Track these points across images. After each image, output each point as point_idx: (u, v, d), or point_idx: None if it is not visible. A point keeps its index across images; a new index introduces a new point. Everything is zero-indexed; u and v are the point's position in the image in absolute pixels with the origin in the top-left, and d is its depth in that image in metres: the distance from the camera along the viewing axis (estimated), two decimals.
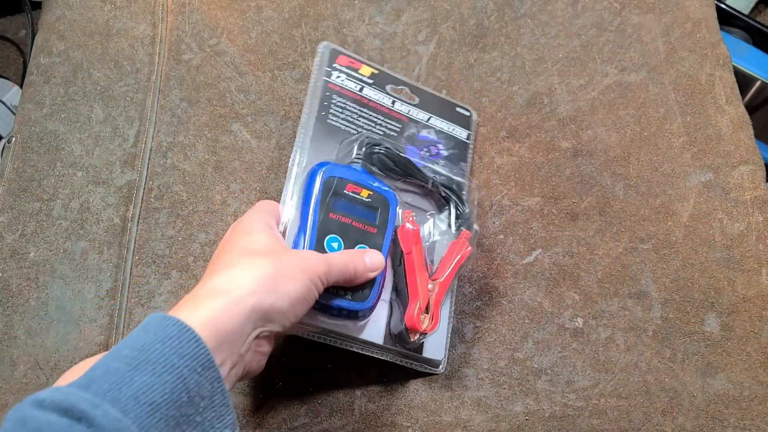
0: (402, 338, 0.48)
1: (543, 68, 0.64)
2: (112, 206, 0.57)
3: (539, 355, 0.53)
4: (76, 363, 0.52)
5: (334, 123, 0.52)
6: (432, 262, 0.52)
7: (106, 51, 0.64)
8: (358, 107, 0.53)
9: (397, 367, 0.52)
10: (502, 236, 0.57)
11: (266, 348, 0.40)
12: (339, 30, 0.65)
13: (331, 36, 0.65)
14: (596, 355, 0.53)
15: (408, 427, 0.51)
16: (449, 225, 0.53)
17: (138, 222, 0.56)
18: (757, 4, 1.16)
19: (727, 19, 1.03)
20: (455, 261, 0.50)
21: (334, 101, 0.53)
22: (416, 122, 0.55)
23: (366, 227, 0.47)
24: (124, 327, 0.53)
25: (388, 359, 0.49)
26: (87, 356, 0.53)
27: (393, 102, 0.55)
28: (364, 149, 0.51)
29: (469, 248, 0.51)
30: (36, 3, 1.03)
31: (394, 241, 0.49)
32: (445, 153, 0.55)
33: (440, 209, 0.54)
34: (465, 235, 0.51)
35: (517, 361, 0.53)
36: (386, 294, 0.50)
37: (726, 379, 0.53)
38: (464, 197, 0.54)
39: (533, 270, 0.56)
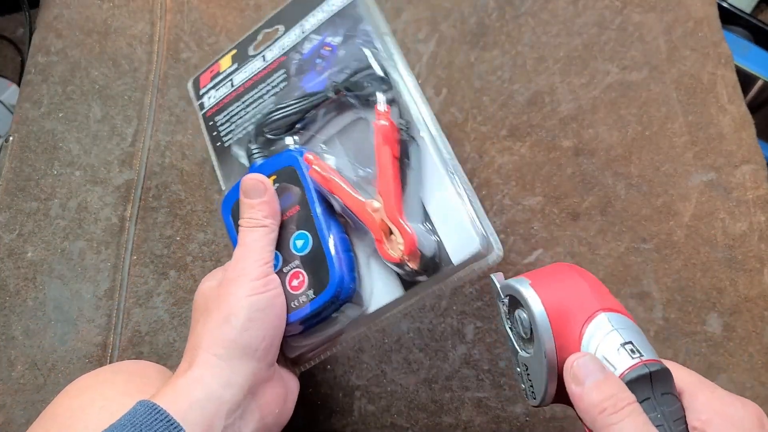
0: (410, 273, 0.39)
1: (544, 67, 0.64)
2: (110, 206, 0.57)
3: None
4: (73, 363, 0.52)
5: (230, 141, 0.48)
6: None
7: (104, 50, 0.63)
8: (239, 103, 0.48)
9: (397, 367, 0.51)
10: (503, 236, 0.57)
11: (275, 391, 0.38)
12: None
13: None
14: None
15: (408, 428, 0.50)
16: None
17: (136, 221, 0.56)
18: (759, 3, 1.16)
19: (729, 17, 1.03)
20: (379, 154, 0.39)
21: (217, 123, 0.48)
22: (293, 48, 0.46)
23: (291, 212, 0.41)
24: (122, 327, 0.53)
25: (427, 300, 0.41)
26: (85, 356, 0.52)
27: (263, 57, 0.47)
28: (255, 139, 0.45)
29: (386, 124, 0.39)
30: (34, 1, 1.02)
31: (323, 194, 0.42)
32: (337, 40, 0.45)
33: (366, 104, 0.43)
34: (378, 113, 0.40)
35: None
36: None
37: (728, 379, 0.53)
38: (367, 69, 0.43)
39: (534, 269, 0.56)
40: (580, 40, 0.65)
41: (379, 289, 0.40)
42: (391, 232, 0.38)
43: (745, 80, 0.95)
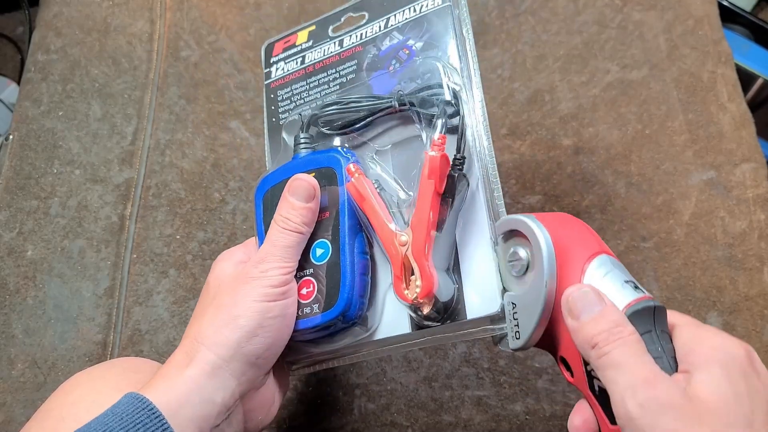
0: (420, 316, 0.36)
1: (544, 65, 0.63)
2: (110, 204, 0.57)
3: (540, 354, 0.53)
4: (73, 362, 0.52)
5: (290, 120, 0.46)
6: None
7: (104, 48, 0.63)
8: (304, 83, 0.46)
9: (397, 365, 0.51)
10: None
11: (263, 396, 0.37)
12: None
13: None
14: None
15: (408, 426, 0.51)
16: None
17: (136, 220, 0.56)
18: (759, 2, 1.16)
19: (729, 16, 1.02)
20: (422, 186, 0.36)
21: (278, 98, 0.47)
22: (372, 41, 0.44)
23: (320, 217, 0.39)
24: (122, 326, 0.53)
25: (427, 346, 0.39)
26: (85, 355, 0.53)
27: (340, 42, 0.45)
28: (306, 129, 0.43)
29: (437, 156, 0.35)
30: (33, 0, 1.02)
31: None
32: (419, 44, 0.42)
33: (429, 124, 0.39)
34: (434, 140, 0.36)
35: (518, 361, 0.52)
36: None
37: None
38: (439, 90, 0.39)
39: None
40: (580, 38, 0.65)
41: (388, 320, 0.38)
42: (412, 272, 0.35)
43: (745, 79, 0.95)
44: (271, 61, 0.48)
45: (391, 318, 0.38)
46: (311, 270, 0.38)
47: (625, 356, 0.26)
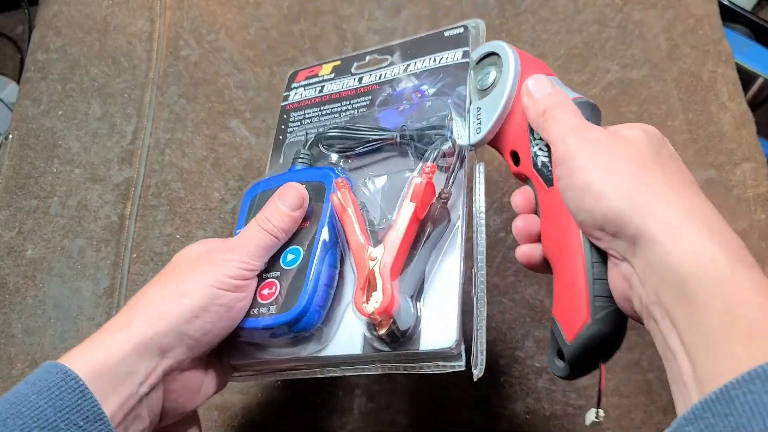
0: (374, 337, 0.36)
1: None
2: (109, 204, 0.57)
3: (540, 353, 0.53)
4: None
5: (293, 140, 0.48)
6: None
7: (103, 47, 0.63)
8: (317, 109, 0.48)
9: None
10: (503, 234, 0.57)
11: (188, 382, 0.36)
12: (338, 26, 0.65)
13: (330, 32, 0.65)
14: None
15: (408, 426, 0.51)
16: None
17: (136, 219, 0.56)
18: (759, 1, 1.16)
19: (729, 15, 1.02)
20: (404, 209, 0.37)
21: (290, 119, 0.49)
22: (390, 81, 0.47)
23: (302, 225, 0.40)
24: None
25: (375, 372, 0.38)
26: None
27: (359, 80, 0.48)
28: (308, 146, 0.45)
29: (423, 182, 0.37)
30: None
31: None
32: (432, 90, 0.44)
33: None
34: (423, 169, 0.38)
35: (518, 360, 0.52)
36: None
37: None
38: (442, 131, 0.41)
39: None
40: (581, 37, 0.65)
41: (341, 338, 0.38)
42: (375, 288, 0.35)
43: (746, 78, 0.95)
44: (292, 87, 0.51)
45: (345, 337, 0.38)
46: (278, 273, 0.38)
47: (566, 115, 0.34)
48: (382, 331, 0.35)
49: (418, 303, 0.37)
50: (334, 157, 0.44)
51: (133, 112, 0.60)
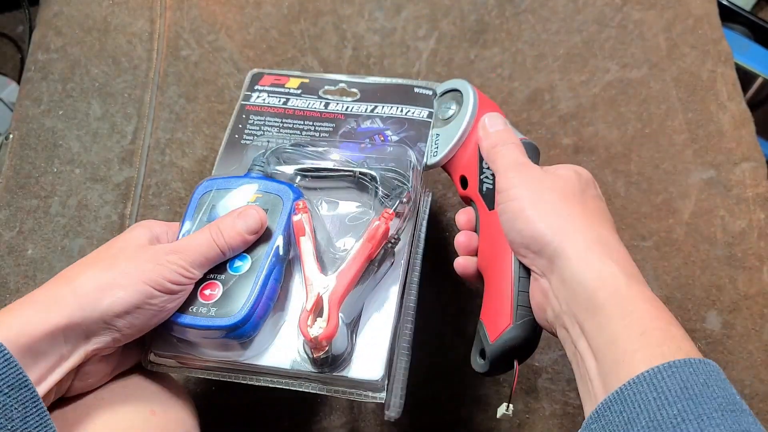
0: (307, 357, 0.39)
1: (544, 64, 0.63)
2: (110, 203, 0.57)
3: (540, 353, 0.53)
4: None
5: (247, 141, 0.48)
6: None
7: (104, 47, 0.63)
8: (279, 120, 0.49)
9: None
10: None
11: (106, 369, 0.37)
12: (338, 26, 0.65)
13: (330, 32, 0.65)
14: None
15: (408, 425, 0.51)
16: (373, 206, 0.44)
17: (136, 219, 0.56)
18: (758, 1, 1.16)
19: (728, 15, 1.02)
20: (360, 247, 0.40)
21: (250, 121, 0.49)
22: (356, 116, 0.49)
23: None
24: None
25: (301, 389, 0.39)
26: None
27: (326, 104, 0.50)
28: (268, 157, 0.45)
29: (382, 227, 0.40)
30: None
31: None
32: (395, 137, 0.48)
33: (376, 198, 0.45)
34: (383, 213, 0.41)
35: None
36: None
37: (727, 377, 0.53)
38: (400, 177, 0.44)
39: None
40: (580, 37, 0.65)
41: (272, 350, 0.39)
42: (320, 314, 0.37)
43: (745, 78, 0.95)
44: (255, 88, 0.51)
45: (276, 350, 0.39)
46: (223, 276, 0.38)
47: (512, 151, 0.40)
48: (317, 355, 0.37)
49: (352, 333, 0.39)
50: (287, 170, 0.45)
51: (133, 112, 0.60)
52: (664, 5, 0.65)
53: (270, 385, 0.39)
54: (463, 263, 0.43)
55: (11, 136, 0.60)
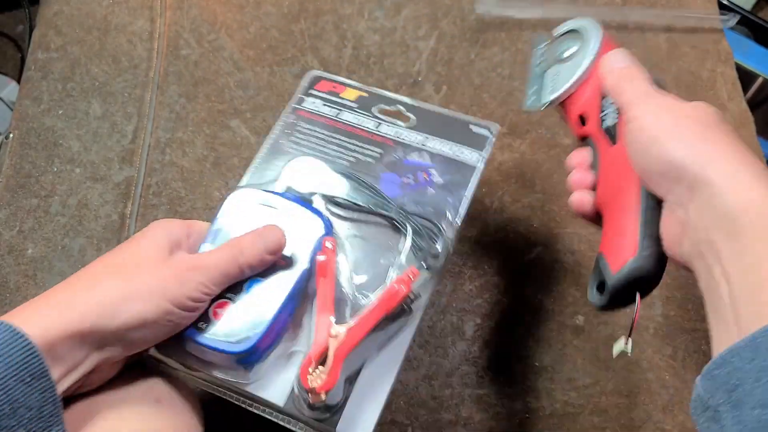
0: (303, 399, 0.38)
1: None
2: (110, 203, 0.57)
3: (540, 352, 0.53)
4: None
5: (292, 150, 0.47)
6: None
7: (104, 47, 0.63)
8: (328, 133, 0.47)
9: None
10: (503, 233, 0.57)
11: (111, 371, 0.37)
12: (338, 25, 0.65)
13: (330, 31, 0.65)
14: (597, 353, 0.53)
15: (408, 425, 0.51)
16: (403, 258, 0.42)
17: (136, 219, 0.56)
18: (758, 1, 1.16)
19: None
20: (376, 304, 0.39)
21: (298, 128, 0.48)
22: (405, 145, 0.47)
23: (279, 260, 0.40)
24: None
25: (289, 427, 0.38)
26: None
27: (378, 125, 0.48)
28: (305, 176, 0.45)
29: (403, 290, 0.39)
30: None
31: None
32: (439, 180, 0.45)
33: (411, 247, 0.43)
34: (409, 273, 0.40)
35: (518, 359, 0.53)
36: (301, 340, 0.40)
37: None
38: (435, 230, 0.43)
39: (534, 267, 0.56)
40: None
41: (270, 382, 0.38)
42: (323, 362, 0.37)
43: (745, 78, 0.95)
44: (311, 92, 0.50)
45: (274, 383, 0.38)
46: (237, 296, 0.38)
47: (642, 82, 0.38)
48: (313, 401, 0.36)
49: (350, 384, 0.38)
50: (318, 200, 0.44)
51: (133, 112, 0.60)
52: (664, 5, 0.65)
53: (261, 414, 0.38)
54: (579, 198, 0.41)
55: (11, 135, 0.60)
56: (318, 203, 0.44)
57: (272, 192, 0.42)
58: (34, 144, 0.59)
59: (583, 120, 0.42)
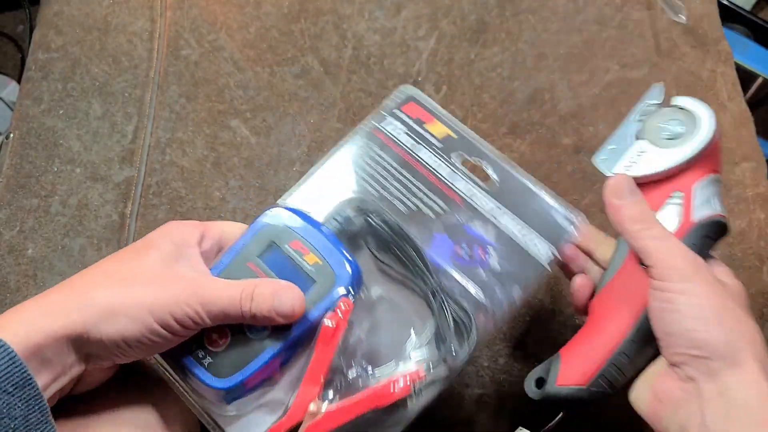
0: None
1: (544, 64, 0.64)
2: (110, 203, 0.57)
3: (540, 352, 0.53)
4: None
5: (354, 174, 0.42)
6: None
7: (104, 47, 0.63)
8: (397, 168, 0.42)
9: None
10: None
11: (103, 375, 0.36)
12: (338, 25, 0.65)
13: (330, 31, 0.65)
14: None
15: (407, 425, 0.51)
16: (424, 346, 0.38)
17: (136, 218, 0.56)
18: (758, 1, 1.16)
19: (728, 15, 1.02)
20: (367, 395, 0.35)
21: (370, 153, 0.43)
22: (473, 210, 0.41)
23: None
24: None
25: None
26: None
27: (452, 174, 0.42)
28: (352, 212, 0.40)
29: (399, 384, 0.36)
30: None
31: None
32: (495, 265, 0.39)
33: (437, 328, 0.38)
34: (415, 374, 0.36)
35: (518, 359, 0.53)
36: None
37: None
38: (467, 326, 0.38)
39: None
40: (580, 37, 0.65)
41: (244, 421, 0.36)
42: None
43: (745, 77, 0.95)
44: (396, 113, 0.44)
45: (247, 425, 0.36)
46: (236, 331, 0.36)
47: (675, 247, 0.36)
48: None
49: None
50: (357, 222, 0.40)
51: (133, 112, 0.60)
52: (663, 7, 0.65)
53: None
54: (581, 283, 0.40)
55: (11, 135, 0.60)
56: (364, 240, 0.40)
57: (310, 221, 0.39)
58: (34, 144, 0.59)
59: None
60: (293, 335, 0.36)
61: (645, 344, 0.36)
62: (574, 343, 0.38)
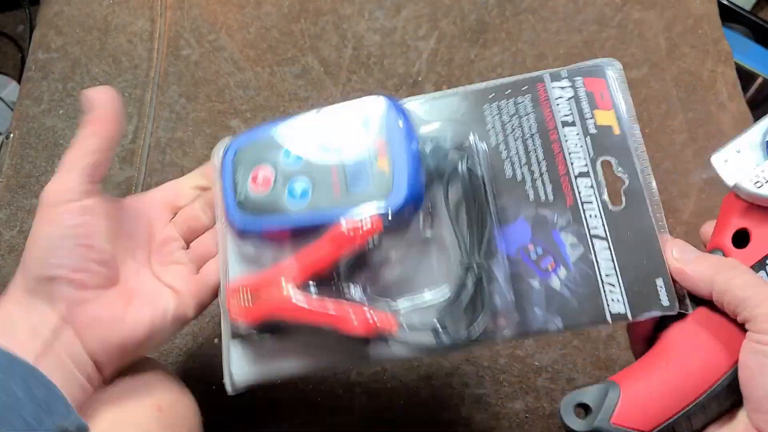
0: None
1: (544, 64, 0.63)
2: None
3: (540, 352, 0.53)
4: None
5: (483, 116, 0.37)
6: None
7: (104, 47, 0.63)
8: (534, 131, 0.36)
9: (397, 363, 0.51)
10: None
11: (96, 311, 0.35)
12: (338, 25, 0.65)
13: (330, 31, 0.65)
14: (597, 353, 0.53)
15: (407, 424, 0.51)
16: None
17: None
18: (759, 1, 1.16)
19: (728, 15, 1.02)
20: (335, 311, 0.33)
21: (522, 97, 0.36)
22: (577, 219, 0.34)
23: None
24: None
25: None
26: None
27: (585, 173, 0.35)
28: (450, 145, 0.35)
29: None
30: None
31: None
32: (556, 285, 0.33)
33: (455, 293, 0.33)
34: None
35: (518, 359, 0.53)
36: None
37: None
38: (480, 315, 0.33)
39: None
40: (580, 37, 0.65)
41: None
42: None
43: (745, 77, 0.95)
44: (578, 80, 0.37)
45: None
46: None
47: (746, 275, 0.31)
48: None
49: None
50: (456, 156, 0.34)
51: (133, 112, 0.60)
52: (664, 5, 0.65)
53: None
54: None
55: (12, 135, 0.60)
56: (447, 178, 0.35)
57: (407, 128, 0.35)
58: (34, 144, 0.59)
59: (741, 238, 0.33)
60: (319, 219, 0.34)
61: (727, 399, 0.31)
62: (639, 376, 0.32)
